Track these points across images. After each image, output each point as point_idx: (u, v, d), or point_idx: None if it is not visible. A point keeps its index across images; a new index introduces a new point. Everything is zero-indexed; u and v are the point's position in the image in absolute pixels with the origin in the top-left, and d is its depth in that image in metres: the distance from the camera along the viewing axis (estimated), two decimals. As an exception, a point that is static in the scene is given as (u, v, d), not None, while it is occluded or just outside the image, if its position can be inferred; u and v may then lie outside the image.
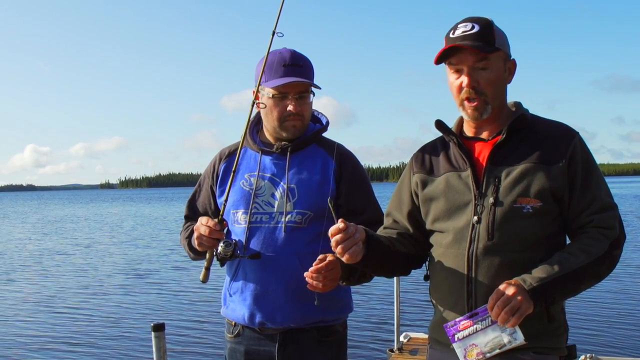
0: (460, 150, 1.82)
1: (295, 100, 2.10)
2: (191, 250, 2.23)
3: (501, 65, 1.79)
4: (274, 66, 2.09)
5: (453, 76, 1.79)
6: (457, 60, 1.76)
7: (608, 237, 1.68)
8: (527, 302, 1.58)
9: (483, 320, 1.66)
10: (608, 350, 6.94)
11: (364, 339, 7.86)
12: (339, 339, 2.21)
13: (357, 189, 2.16)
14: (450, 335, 1.70)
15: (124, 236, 25.54)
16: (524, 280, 1.61)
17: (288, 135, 2.14)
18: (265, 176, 2.17)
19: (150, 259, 17.14)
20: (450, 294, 1.78)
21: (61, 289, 12.44)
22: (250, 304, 2.12)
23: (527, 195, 1.70)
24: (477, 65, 1.74)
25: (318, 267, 1.82)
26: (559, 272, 1.62)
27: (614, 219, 1.72)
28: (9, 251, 20.29)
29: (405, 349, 5.79)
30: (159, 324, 2.51)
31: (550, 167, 1.71)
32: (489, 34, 1.76)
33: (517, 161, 1.74)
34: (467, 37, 1.74)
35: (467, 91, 1.76)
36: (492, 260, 1.70)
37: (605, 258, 1.67)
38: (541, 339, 1.70)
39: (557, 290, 1.62)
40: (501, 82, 1.80)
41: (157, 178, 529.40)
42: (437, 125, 1.88)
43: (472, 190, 1.76)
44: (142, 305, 10.62)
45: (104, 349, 7.84)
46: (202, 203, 2.32)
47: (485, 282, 1.70)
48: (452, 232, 1.78)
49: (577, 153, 1.73)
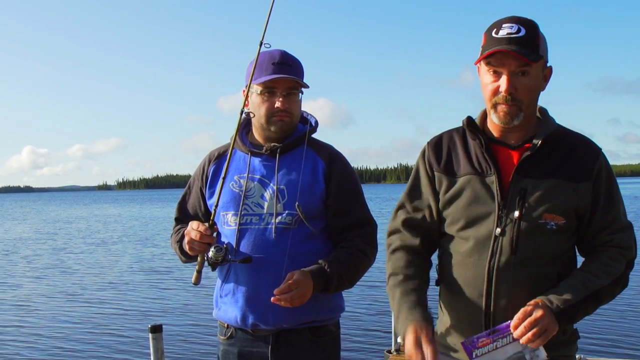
0: (486, 154, 1.76)
1: (284, 97, 2.10)
2: (182, 254, 2.23)
3: (540, 73, 1.73)
4: (264, 64, 2.10)
5: (489, 77, 1.71)
6: (498, 62, 1.68)
7: (626, 257, 1.69)
8: (554, 324, 1.57)
9: (503, 338, 1.63)
10: (598, 351, 6.94)
11: (362, 341, 7.86)
12: (333, 339, 2.21)
13: (345, 189, 2.16)
14: (468, 352, 1.67)
15: (121, 237, 25.50)
16: (550, 302, 1.60)
17: (276, 131, 2.14)
18: (255, 177, 2.17)
19: (149, 260, 17.13)
20: (467, 305, 1.75)
21: (57, 291, 12.42)
22: (242, 306, 2.12)
23: (553, 212, 1.68)
24: (518, 70, 1.67)
25: (280, 290, 1.91)
26: (583, 294, 1.61)
27: (631, 239, 1.73)
28: (7, 251, 20.25)
29: (403, 350, 5.78)
30: (156, 325, 2.51)
31: (577, 185, 1.69)
32: (535, 40, 1.69)
33: (545, 175, 1.70)
34: (513, 41, 1.65)
35: (503, 96, 1.69)
36: (514, 275, 1.68)
37: (621, 278, 1.68)
38: (555, 349, 1.70)
39: (580, 312, 1.63)
40: (537, 90, 1.75)
41: (155, 179, 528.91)
42: (467, 123, 1.81)
43: (497, 200, 1.72)
44: (139, 306, 10.61)
45: (101, 350, 7.83)
46: (192, 205, 2.32)
47: (505, 296, 1.69)
48: (472, 241, 1.74)
49: (602, 172, 1.72)
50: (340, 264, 2.05)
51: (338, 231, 2.15)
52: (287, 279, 1.95)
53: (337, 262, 2.05)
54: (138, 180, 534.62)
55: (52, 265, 16.78)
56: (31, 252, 20.25)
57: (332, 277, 2.02)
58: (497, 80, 1.70)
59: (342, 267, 2.05)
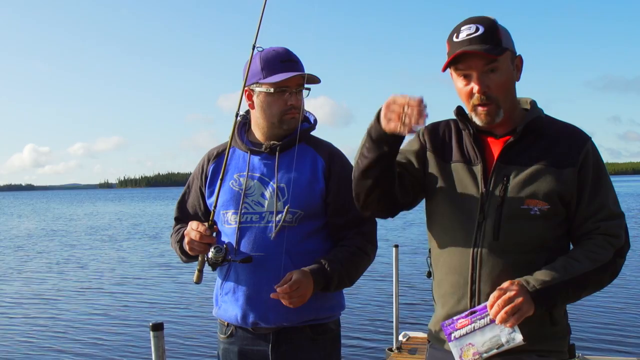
0: (474, 143, 1.79)
1: (294, 94, 2.12)
2: (183, 254, 2.23)
3: (509, 65, 1.73)
4: (272, 63, 2.10)
5: (461, 82, 1.73)
6: (465, 65, 1.69)
7: (613, 245, 1.67)
8: (529, 303, 1.57)
9: (482, 319, 1.64)
10: (596, 349, 6.94)
11: (363, 338, 7.86)
12: (333, 337, 2.21)
13: (345, 187, 2.13)
14: (447, 334, 1.69)
15: (123, 235, 25.53)
16: (527, 282, 1.60)
17: (288, 129, 2.14)
18: (255, 176, 2.17)
19: (149, 258, 17.15)
20: (453, 293, 1.76)
21: (58, 289, 12.44)
22: (242, 304, 2.12)
23: (535, 197, 1.68)
24: (486, 69, 1.68)
25: (281, 289, 1.92)
26: (563, 277, 1.61)
27: (620, 227, 1.71)
28: (6, 251, 20.28)
29: (404, 348, 5.81)
30: (157, 323, 2.50)
31: (561, 171, 1.69)
32: (495, 35, 1.69)
33: (527, 162, 1.72)
34: (473, 41, 1.67)
35: (478, 97, 1.70)
36: (497, 261, 1.69)
37: (609, 266, 1.66)
38: (544, 342, 1.69)
39: (559, 295, 1.61)
40: (511, 83, 1.75)
41: (156, 177, 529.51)
42: (457, 113, 1.83)
43: (480, 187, 1.74)
44: (140, 304, 10.62)
45: (102, 348, 7.84)
46: (191, 204, 2.32)
47: (489, 281, 1.69)
48: (458, 228, 1.76)
49: (589, 158, 1.71)
50: (340, 262, 2.05)
51: (338, 229, 2.15)
52: (286, 279, 1.95)
53: (338, 260, 2.05)
54: (140, 179, 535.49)
55: (52, 263, 16.80)
56: (31, 249, 20.28)
57: (332, 276, 2.02)
58: (468, 83, 1.72)
59: (343, 266, 2.05)
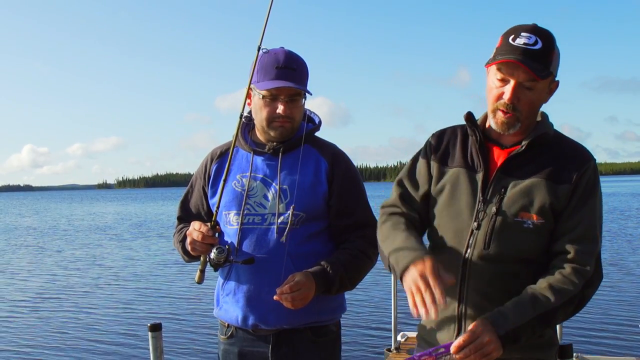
0: (479, 151, 1.79)
1: (286, 103, 2.08)
2: (185, 254, 2.22)
3: (546, 87, 1.74)
4: (267, 68, 2.07)
5: (496, 82, 1.72)
6: (508, 72, 1.68)
7: (583, 276, 1.64)
8: (499, 348, 1.57)
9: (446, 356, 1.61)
10: (595, 349, 6.96)
11: (362, 339, 7.88)
12: (333, 339, 2.21)
13: (348, 190, 2.15)
14: None
15: (121, 235, 25.50)
16: (497, 324, 1.58)
17: (275, 136, 2.13)
18: (258, 177, 2.16)
19: (148, 259, 17.13)
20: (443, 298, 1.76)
21: (57, 289, 12.42)
22: (243, 306, 2.11)
23: (529, 210, 1.69)
24: (525, 83, 1.68)
25: (282, 290, 1.91)
26: (532, 314, 1.60)
27: (591, 256, 1.67)
28: (5, 250, 20.25)
29: (403, 348, 5.80)
30: (156, 324, 2.51)
31: (557, 186, 1.69)
32: (549, 56, 1.69)
33: (527, 175, 1.72)
34: (527, 53, 1.66)
35: (504, 104, 1.70)
36: (485, 269, 1.70)
37: (575, 298, 1.64)
38: (531, 350, 1.70)
39: (527, 332, 1.61)
40: (539, 103, 1.76)
41: (155, 178, 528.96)
42: (466, 118, 1.84)
43: (478, 195, 1.75)
44: (139, 305, 10.62)
45: (100, 348, 7.84)
46: (194, 204, 2.31)
47: (477, 289, 1.71)
48: (451, 234, 1.77)
49: (584, 178, 1.71)
50: (342, 265, 2.04)
51: (340, 232, 2.14)
52: (288, 280, 1.94)
53: (340, 263, 2.04)
54: (138, 179, 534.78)
55: (51, 263, 16.78)
56: (30, 250, 20.25)
57: (334, 278, 2.02)
58: (503, 86, 1.71)
59: (344, 269, 2.04)
